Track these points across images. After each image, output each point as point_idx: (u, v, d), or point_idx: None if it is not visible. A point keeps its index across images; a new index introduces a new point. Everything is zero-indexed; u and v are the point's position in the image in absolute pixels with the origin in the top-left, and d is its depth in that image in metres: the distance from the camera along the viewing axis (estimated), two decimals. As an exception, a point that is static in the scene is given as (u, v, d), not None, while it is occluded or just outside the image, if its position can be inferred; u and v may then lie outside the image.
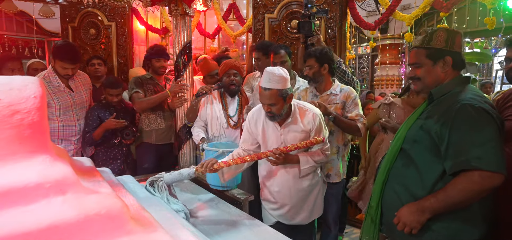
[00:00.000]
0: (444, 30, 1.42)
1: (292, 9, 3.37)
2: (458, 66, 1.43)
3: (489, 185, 1.24)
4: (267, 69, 1.86)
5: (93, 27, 3.98)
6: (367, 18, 5.94)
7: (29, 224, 0.67)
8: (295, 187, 2.01)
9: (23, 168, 0.75)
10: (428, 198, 1.33)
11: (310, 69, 2.29)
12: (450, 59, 1.40)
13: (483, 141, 1.25)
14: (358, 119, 2.23)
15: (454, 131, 1.29)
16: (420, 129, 1.41)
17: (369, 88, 7.84)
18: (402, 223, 1.37)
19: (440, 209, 1.31)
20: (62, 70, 2.56)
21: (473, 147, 1.25)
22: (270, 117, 1.90)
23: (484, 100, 1.32)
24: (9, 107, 0.76)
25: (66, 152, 1.03)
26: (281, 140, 1.95)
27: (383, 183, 1.51)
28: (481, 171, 1.23)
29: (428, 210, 1.32)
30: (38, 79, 0.85)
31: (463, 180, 1.26)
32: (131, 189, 1.46)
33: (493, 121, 1.28)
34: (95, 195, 0.80)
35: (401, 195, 1.42)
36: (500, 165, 1.24)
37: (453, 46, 1.40)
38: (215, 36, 5.25)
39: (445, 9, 3.09)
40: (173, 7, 2.44)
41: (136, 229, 0.79)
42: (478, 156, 1.24)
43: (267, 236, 1.52)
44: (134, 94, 2.72)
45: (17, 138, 0.77)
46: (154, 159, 2.83)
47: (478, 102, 1.30)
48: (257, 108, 2.04)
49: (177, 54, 2.51)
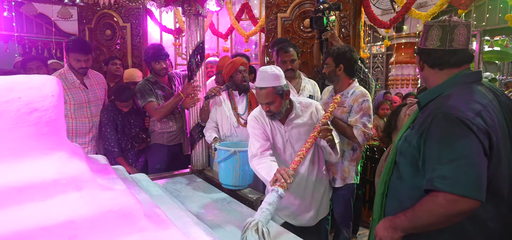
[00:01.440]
0: (438, 27, 1.23)
1: (305, 8, 3.35)
2: (458, 64, 1.23)
3: (454, 210, 1.07)
4: (260, 69, 1.86)
5: (109, 28, 4.06)
6: (382, 17, 5.83)
7: (46, 219, 0.69)
8: (304, 184, 2.00)
9: (41, 164, 0.77)
10: (399, 215, 1.22)
11: (327, 68, 2.26)
12: (444, 57, 1.22)
13: (452, 158, 1.07)
14: (357, 125, 2.13)
15: (427, 145, 1.15)
16: (405, 140, 1.29)
17: (384, 88, 7.71)
18: (378, 237, 1.27)
19: (409, 228, 1.19)
20: (76, 63, 2.58)
21: (439, 164, 1.09)
22: (270, 116, 1.88)
23: (471, 107, 1.11)
24: (28, 105, 0.78)
25: (82, 149, 1.06)
26: (286, 137, 1.94)
27: (383, 196, 1.40)
28: (445, 193, 1.07)
29: (399, 228, 1.20)
30: (55, 78, 0.87)
31: (429, 201, 1.12)
32: (145, 186, 1.48)
33: (471, 135, 1.07)
34: (110, 192, 0.82)
35: (398, 210, 1.27)
36: (471, 188, 1.05)
37: (451, 43, 1.21)
38: (228, 36, 5.27)
39: (463, 6, 3.01)
40: (186, 7, 2.46)
41: (149, 226, 0.80)
42: (443, 176, 1.08)
43: (278, 235, 1.51)
44: (148, 104, 2.68)
45: (35, 135, 0.79)
46: (165, 159, 2.86)
47: (458, 111, 1.10)
48: (257, 110, 2.03)
49: (190, 54, 2.53)
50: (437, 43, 1.23)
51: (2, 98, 0.75)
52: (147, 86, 2.75)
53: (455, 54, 1.22)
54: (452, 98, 1.16)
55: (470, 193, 1.05)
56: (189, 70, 2.58)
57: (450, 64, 1.23)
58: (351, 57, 2.22)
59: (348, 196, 2.33)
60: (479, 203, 1.07)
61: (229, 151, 2.05)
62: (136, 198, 0.84)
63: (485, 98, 1.16)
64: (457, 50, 1.21)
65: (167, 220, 0.90)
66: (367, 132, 2.14)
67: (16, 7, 5.22)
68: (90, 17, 4.08)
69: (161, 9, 2.65)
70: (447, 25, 1.21)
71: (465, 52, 1.22)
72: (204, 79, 2.64)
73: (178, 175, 2.50)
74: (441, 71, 1.25)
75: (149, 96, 2.70)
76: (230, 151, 2.04)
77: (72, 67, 2.61)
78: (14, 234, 0.66)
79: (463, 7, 3.01)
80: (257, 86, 1.83)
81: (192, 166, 2.61)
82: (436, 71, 1.26)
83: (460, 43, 1.21)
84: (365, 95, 2.19)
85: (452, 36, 1.20)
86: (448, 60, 1.22)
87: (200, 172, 2.54)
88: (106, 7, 3.71)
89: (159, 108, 2.69)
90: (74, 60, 2.59)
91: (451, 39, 1.21)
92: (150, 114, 2.76)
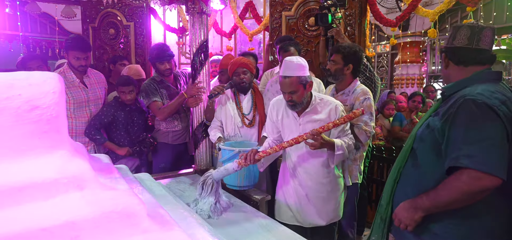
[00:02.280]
0: (468, 27, 1.35)
1: (309, 7, 3.31)
2: (483, 62, 1.34)
3: (477, 187, 1.16)
4: (286, 59, 1.89)
5: (113, 27, 4.06)
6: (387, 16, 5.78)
7: (47, 220, 0.67)
8: (316, 186, 1.97)
9: (42, 163, 0.75)
10: (422, 196, 1.31)
11: (334, 65, 2.20)
12: (471, 56, 1.33)
13: (478, 138, 1.17)
14: (358, 124, 2.11)
15: (453, 127, 1.23)
16: (427, 127, 1.36)
17: (388, 87, 7.65)
18: (397, 219, 1.37)
19: (431, 208, 1.28)
20: (75, 61, 2.56)
21: (465, 144, 1.18)
22: (291, 106, 1.91)
23: (495, 96, 1.21)
24: (28, 102, 0.76)
25: (84, 148, 1.03)
26: (300, 130, 1.93)
27: (394, 182, 1.48)
28: (470, 170, 1.16)
29: (421, 208, 1.30)
30: (57, 75, 0.85)
31: (452, 179, 1.21)
32: (148, 186, 1.46)
33: (498, 120, 1.17)
34: (112, 191, 0.79)
35: (410, 196, 1.37)
36: (494, 166, 1.14)
37: (478, 43, 1.32)
38: (232, 35, 5.25)
39: (471, 3, 2.96)
40: (190, 5, 2.44)
41: (152, 227, 0.78)
42: (469, 154, 1.17)
43: (284, 236, 1.49)
44: (152, 103, 2.67)
45: (36, 133, 0.77)
46: (170, 158, 2.84)
47: (485, 98, 1.20)
48: (278, 98, 2.07)
49: (194, 53, 2.50)
50: (466, 41, 1.34)
51: (1, 95, 0.73)
52: (152, 85, 2.73)
53: (481, 53, 1.33)
54: (479, 88, 1.26)
55: (493, 171, 1.14)
56: (193, 69, 2.56)
57: (475, 61, 1.33)
58: (361, 57, 2.21)
59: (352, 195, 2.30)
60: (501, 181, 1.15)
61: (234, 151, 2.03)
62: (139, 198, 0.82)
63: (508, 93, 1.27)
64: (483, 50, 1.32)
65: (170, 221, 0.88)
66: (369, 130, 2.12)
67: (20, 6, 5.24)
68: (93, 16, 4.07)
69: (165, 7, 2.63)
70: (476, 26, 1.34)
71: (489, 53, 1.34)
72: (208, 78, 2.62)
73: (182, 175, 2.48)
74: (465, 68, 1.35)
75: (154, 96, 2.68)
76: (234, 151, 2.02)
77: (71, 66, 2.59)
78: (14, 235, 0.64)
79: (472, 5, 2.96)
80: (282, 75, 1.87)
81: (196, 166, 2.59)
82: (461, 68, 1.36)
83: (486, 44, 1.32)
84: (366, 93, 2.17)
85: (479, 36, 1.32)
86: (474, 58, 1.33)
87: (204, 172, 2.52)
88: (110, 6, 3.70)
89: (163, 108, 2.67)
90: (74, 59, 2.56)
91: (478, 39, 1.32)
92: (154, 113, 2.74)
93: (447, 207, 1.25)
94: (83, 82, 2.65)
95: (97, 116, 2.63)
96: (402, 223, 1.35)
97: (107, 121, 2.65)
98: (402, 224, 1.35)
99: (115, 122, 2.69)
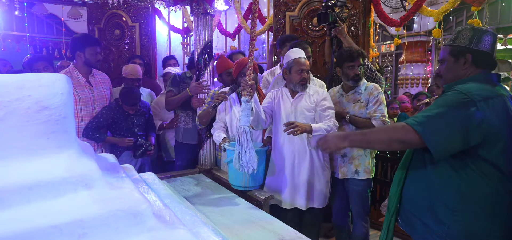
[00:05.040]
0: (471, 29, 1.41)
1: (313, 7, 3.31)
2: (481, 64, 1.40)
3: (402, 137, 1.29)
4: (293, 49, 2.26)
5: (118, 28, 4.09)
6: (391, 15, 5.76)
7: (55, 218, 0.69)
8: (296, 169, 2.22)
9: (50, 162, 0.77)
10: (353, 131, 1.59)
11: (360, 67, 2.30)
12: (470, 56, 1.38)
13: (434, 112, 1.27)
14: (375, 116, 2.22)
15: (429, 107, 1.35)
16: None
17: (393, 88, 7.61)
18: (324, 141, 1.50)
19: (356, 141, 1.50)
20: (94, 56, 2.61)
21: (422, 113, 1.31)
22: (303, 85, 2.21)
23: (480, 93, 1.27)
24: (38, 103, 0.78)
25: (91, 147, 1.05)
26: (292, 109, 2.23)
27: (402, 175, 1.52)
28: (407, 125, 1.28)
29: (348, 139, 1.46)
30: (65, 76, 0.87)
31: (393, 125, 1.38)
32: (153, 186, 1.48)
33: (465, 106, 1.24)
34: (119, 190, 0.81)
35: (418, 188, 1.43)
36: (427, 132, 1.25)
37: (478, 45, 1.38)
38: (236, 35, 5.26)
39: (476, 3, 2.94)
40: (194, 6, 2.46)
41: (158, 226, 0.79)
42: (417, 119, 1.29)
43: (286, 235, 1.49)
44: (167, 92, 2.82)
45: (45, 133, 0.79)
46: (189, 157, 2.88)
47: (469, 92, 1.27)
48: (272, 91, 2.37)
49: (198, 53, 2.52)
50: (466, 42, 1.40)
51: (12, 96, 0.75)
52: (177, 78, 2.84)
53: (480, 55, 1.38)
54: (473, 85, 1.33)
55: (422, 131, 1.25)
56: (197, 69, 2.58)
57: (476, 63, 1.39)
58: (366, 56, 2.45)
59: (366, 189, 2.37)
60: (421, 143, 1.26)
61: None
62: (145, 197, 0.83)
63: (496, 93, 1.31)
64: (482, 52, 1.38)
65: (176, 220, 0.89)
66: (386, 121, 2.22)
67: (27, 8, 5.31)
68: (99, 17, 4.11)
69: (170, 8, 2.66)
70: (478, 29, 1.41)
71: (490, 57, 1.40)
72: (212, 79, 2.63)
73: (187, 175, 2.50)
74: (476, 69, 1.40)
75: (173, 86, 2.80)
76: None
77: (89, 63, 2.63)
78: (24, 232, 0.65)
79: (476, 5, 2.94)
80: (300, 56, 2.19)
81: (199, 166, 2.61)
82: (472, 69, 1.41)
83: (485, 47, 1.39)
84: (378, 88, 2.32)
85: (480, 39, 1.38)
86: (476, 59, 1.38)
87: (208, 172, 2.54)
88: (115, 7, 3.74)
89: (169, 99, 2.79)
90: (93, 54, 2.61)
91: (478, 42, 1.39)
92: (165, 101, 2.88)
93: (369, 145, 1.49)
94: (89, 81, 2.68)
95: (96, 117, 2.65)
96: (326, 145, 1.48)
97: (106, 124, 2.68)
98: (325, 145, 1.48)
99: (114, 124, 2.72)
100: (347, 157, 2.32)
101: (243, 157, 1.77)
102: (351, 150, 2.31)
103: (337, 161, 2.36)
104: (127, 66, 3.10)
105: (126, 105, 2.72)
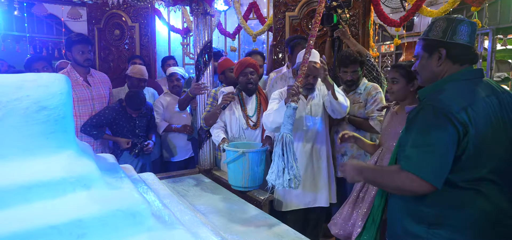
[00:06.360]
0: (444, 19, 1.26)
1: (313, 7, 3.31)
2: (459, 59, 1.24)
3: (408, 188, 1.19)
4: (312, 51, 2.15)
5: (118, 28, 4.09)
6: (391, 16, 5.76)
7: (54, 218, 0.69)
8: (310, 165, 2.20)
9: (50, 162, 0.77)
10: (368, 168, 1.45)
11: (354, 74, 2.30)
12: (444, 51, 1.23)
13: (421, 143, 1.17)
14: (372, 116, 2.24)
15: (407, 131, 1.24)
16: (402, 132, 1.35)
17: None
18: (342, 169, 1.48)
19: (370, 181, 1.52)
20: (81, 55, 2.58)
21: (410, 147, 1.20)
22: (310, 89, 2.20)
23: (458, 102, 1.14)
24: (37, 103, 0.78)
25: (90, 147, 1.05)
26: (303, 106, 2.20)
27: None
28: (408, 173, 1.18)
29: (363, 176, 1.42)
30: (64, 76, 0.87)
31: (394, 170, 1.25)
32: (152, 186, 1.48)
33: (448, 128, 1.12)
34: (118, 191, 0.81)
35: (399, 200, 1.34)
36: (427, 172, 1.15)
37: (453, 37, 1.22)
38: (236, 35, 5.26)
39: (476, 3, 2.94)
40: (194, 6, 2.46)
41: (157, 226, 0.79)
42: (408, 156, 1.19)
43: (286, 235, 1.49)
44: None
45: (44, 133, 0.79)
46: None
47: (445, 104, 1.15)
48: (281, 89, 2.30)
49: (198, 53, 2.52)
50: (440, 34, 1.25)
51: (11, 96, 0.75)
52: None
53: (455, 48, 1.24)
54: (448, 92, 1.21)
55: (425, 176, 1.15)
56: (197, 70, 2.58)
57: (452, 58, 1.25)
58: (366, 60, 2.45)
59: None
60: (434, 188, 1.16)
61: (238, 152, 2.03)
62: (144, 198, 0.83)
63: (477, 95, 1.19)
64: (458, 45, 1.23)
65: (175, 220, 0.89)
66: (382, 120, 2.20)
67: (27, 8, 5.30)
68: (99, 17, 4.11)
69: (169, 8, 2.66)
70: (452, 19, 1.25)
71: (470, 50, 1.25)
72: (212, 79, 2.63)
73: (186, 175, 2.50)
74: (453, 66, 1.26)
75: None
76: (239, 152, 2.02)
77: (77, 62, 2.61)
78: (23, 232, 0.65)
79: (476, 5, 2.93)
80: (315, 60, 2.11)
81: (199, 166, 2.61)
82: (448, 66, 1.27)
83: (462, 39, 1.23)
84: (377, 88, 2.33)
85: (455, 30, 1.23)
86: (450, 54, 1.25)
87: (207, 172, 2.54)
88: (115, 7, 3.73)
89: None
90: (79, 53, 2.57)
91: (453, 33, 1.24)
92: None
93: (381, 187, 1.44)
94: (87, 80, 2.68)
95: (96, 115, 2.65)
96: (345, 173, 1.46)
97: (106, 123, 2.68)
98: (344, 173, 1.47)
99: (116, 125, 2.72)
100: (348, 157, 2.33)
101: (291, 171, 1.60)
102: (351, 149, 2.31)
103: (338, 160, 2.36)
104: (134, 66, 3.11)
105: (130, 109, 2.72)
